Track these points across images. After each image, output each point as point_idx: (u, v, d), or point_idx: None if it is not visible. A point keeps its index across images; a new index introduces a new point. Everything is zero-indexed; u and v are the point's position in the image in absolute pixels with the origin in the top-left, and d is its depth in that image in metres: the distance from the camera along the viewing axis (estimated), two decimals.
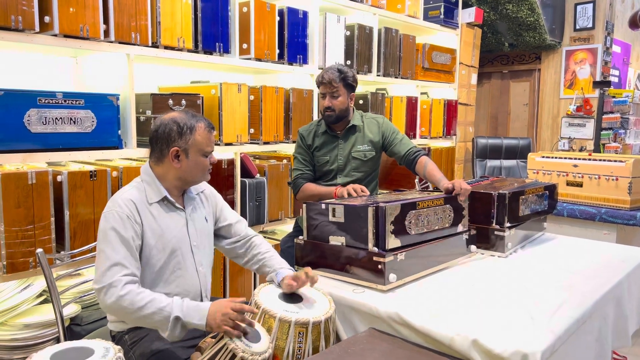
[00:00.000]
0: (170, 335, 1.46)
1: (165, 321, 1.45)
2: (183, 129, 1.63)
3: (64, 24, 2.22)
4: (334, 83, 2.41)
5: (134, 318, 1.49)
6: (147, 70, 3.02)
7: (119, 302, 1.46)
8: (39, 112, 2.18)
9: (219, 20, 2.81)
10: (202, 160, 1.68)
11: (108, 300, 1.47)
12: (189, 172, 1.67)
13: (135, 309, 1.45)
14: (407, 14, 4.19)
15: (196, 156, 1.66)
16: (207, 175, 1.75)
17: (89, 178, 2.29)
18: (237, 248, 1.88)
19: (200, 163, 1.68)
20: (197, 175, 1.70)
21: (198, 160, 1.67)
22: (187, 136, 1.64)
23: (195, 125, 1.65)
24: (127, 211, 1.57)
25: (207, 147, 1.68)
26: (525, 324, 1.48)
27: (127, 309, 1.46)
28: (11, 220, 2.08)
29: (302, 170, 2.54)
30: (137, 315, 1.46)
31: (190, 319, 1.46)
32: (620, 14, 5.97)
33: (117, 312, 1.51)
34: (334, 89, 2.42)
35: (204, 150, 1.67)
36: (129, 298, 1.46)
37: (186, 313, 1.47)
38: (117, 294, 1.46)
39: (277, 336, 1.53)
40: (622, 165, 2.93)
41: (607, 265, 2.09)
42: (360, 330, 1.66)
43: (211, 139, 1.70)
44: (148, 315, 1.45)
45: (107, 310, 1.53)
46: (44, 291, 2.37)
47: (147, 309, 1.45)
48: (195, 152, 1.65)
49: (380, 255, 1.71)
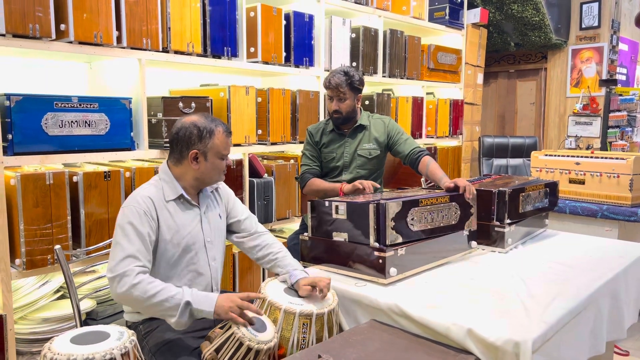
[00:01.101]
0: (177, 322, 1.52)
1: (176, 307, 1.52)
2: (203, 132, 1.72)
3: (79, 31, 2.32)
4: (341, 88, 2.49)
5: (145, 306, 1.55)
6: (158, 74, 3.12)
7: (131, 290, 1.53)
8: (55, 116, 2.28)
9: (227, 24, 2.90)
10: (219, 163, 1.77)
11: (120, 289, 1.54)
12: (207, 173, 1.77)
13: (146, 297, 1.52)
14: (412, 16, 4.25)
15: (214, 159, 1.76)
16: (223, 176, 1.84)
17: (103, 178, 2.39)
18: (246, 242, 1.95)
19: (218, 165, 1.77)
20: (214, 176, 1.80)
21: (215, 163, 1.76)
22: (207, 140, 1.73)
23: (214, 130, 1.74)
24: (144, 207, 1.66)
25: (224, 150, 1.77)
26: (519, 314, 1.54)
27: (139, 297, 1.53)
28: (30, 219, 2.18)
29: (309, 166, 2.63)
30: (148, 303, 1.53)
31: (199, 305, 1.53)
32: (628, 12, 5.97)
33: (129, 300, 1.57)
34: (341, 93, 2.50)
35: (221, 154, 1.77)
36: (141, 287, 1.53)
37: (196, 300, 1.54)
38: (129, 282, 1.53)
39: (283, 327, 1.61)
40: (623, 163, 2.97)
41: (605, 259, 2.13)
42: (362, 321, 1.73)
43: (228, 143, 1.79)
44: (159, 302, 1.52)
45: (119, 299, 1.59)
46: (61, 287, 2.48)
47: (159, 297, 1.53)
48: (214, 155, 1.75)
49: (381, 250, 1.79)
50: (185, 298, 1.54)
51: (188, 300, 1.54)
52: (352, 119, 2.59)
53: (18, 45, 2.18)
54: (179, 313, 1.52)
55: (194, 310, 1.54)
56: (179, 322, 1.53)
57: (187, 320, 1.55)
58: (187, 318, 1.54)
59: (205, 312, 1.54)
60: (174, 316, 1.53)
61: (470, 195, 2.12)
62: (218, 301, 1.54)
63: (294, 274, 1.79)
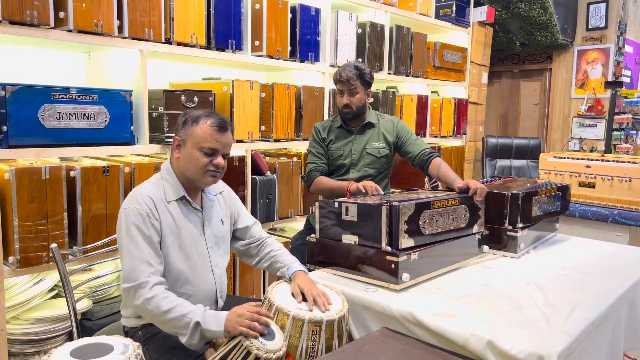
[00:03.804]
0: (188, 341, 1.47)
1: (186, 326, 1.46)
2: (188, 119, 1.63)
3: (79, 19, 2.22)
4: (352, 81, 2.41)
5: (158, 321, 1.51)
6: (159, 67, 3.02)
7: (145, 305, 1.48)
8: (52, 108, 2.18)
9: (232, 16, 2.81)
10: (196, 155, 1.61)
11: (136, 301, 1.50)
12: (184, 165, 1.64)
13: (160, 312, 1.47)
14: (418, 12, 4.16)
15: (192, 149, 1.61)
16: (207, 177, 1.64)
17: (102, 174, 2.30)
18: (251, 249, 1.90)
19: (195, 158, 1.61)
20: (191, 170, 1.63)
21: (193, 155, 1.61)
22: (188, 127, 1.62)
23: (200, 119, 1.62)
24: (146, 208, 1.57)
25: (204, 142, 1.60)
26: (540, 325, 1.47)
27: (153, 312, 1.48)
28: (25, 214, 2.09)
29: (316, 163, 2.55)
30: (161, 319, 1.49)
31: (209, 326, 1.46)
32: (632, 14, 5.91)
33: (144, 313, 1.54)
34: (352, 87, 2.43)
35: (200, 145, 1.60)
36: (155, 302, 1.48)
37: (205, 320, 1.47)
38: (144, 296, 1.48)
39: (291, 334, 1.53)
40: (635, 167, 2.91)
41: (621, 267, 2.07)
42: (372, 329, 1.66)
43: (214, 137, 1.61)
44: (171, 319, 1.47)
45: (135, 309, 1.57)
46: (55, 285, 2.38)
47: (171, 314, 1.47)
48: (192, 144, 1.61)
49: (394, 254, 1.71)
50: (196, 318, 1.46)
51: (198, 321, 1.46)
52: (361, 115, 2.51)
53: (15, 33, 2.08)
54: (188, 333, 1.46)
55: (203, 331, 1.47)
56: (190, 343, 1.47)
57: (197, 342, 1.48)
58: (198, 340, 1.47)
59: (214, 332, 1.46)
60: (184, 335, 1.47)
61: (479, 198, 2.05)
62: (227, 319, 1.46)
63: (291, 267, 1.76)
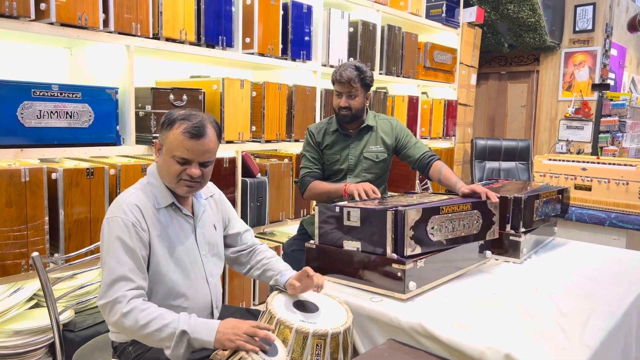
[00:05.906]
0: (173, 354, 1.34)
1: (170, 337, 1.34)
2: (165, 122, 1.49)
3: (61, 11, 2.09)
4: (353, 83, 2.28)
5: (138, 336, 1.38)
6: (144, 64, 2.89)
7: (122, 320, 1.35)
8: (32, 105, 2.05)
9: (223, 12, 2.69)
10: (170, 162, 1.48)
11: (112, 317, 1.37)
12: (161, 171, 1.53)
13: (138, 327, 1.34)
14: (409, 12, 4.10)
15: (166, 156, 1.49)
16: (182, 187, 1.50)
17: (86, 176, 2.17)
18: (242, 257, 1.79)
19: (167, 165, 1.49)
20: (166, 178, 1.51)
21: (166, 161, 1.49)
22: (165, 131, 1.49)
23: (175, 123, 1.47)
24: (132, 218, 1.45)
25: (176, 150, 1.46)
26: (557, 336, 1.41)
27: (132, 327, 1.35)
28: (2, 220, 1.95)
29: (310, 169, 2.43)
30: (141, 334, 1.36)
31: (198, 334, 1.34)
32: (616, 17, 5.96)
33: (123, 330, 1.40)
34: (352, 89, 2.30)
35: (172, 152, 1.47)
36: (133, 315, 1.35)
37: (194, 329, 1.35)
38: (120, 310, 1.35)
39: (294, 348, 1.43)
40: (632, 170, 2.88)
41: (626, 272, 2.03)
42: (378, 341, 1.57)
43: (185, 145, 1.45)
44: (152, 333, 1.34)
45: (113, 327, 1.43)
46: (34, 295, 2.24)
47: (151, 326, 1.34)
48: (166, 150, 1.49)
49: (400, 262, 1.62)
50: (181, 327, 1.34)
51: (184, 330, 1.34)
52: (359, 118, 2.40)
53: None
54: (173, 344, 1.33)
55: (191, 340, 1.34)
56: (175, 355, 1.34)
57: (184, 353, 1.35)
58: (185, 350, 1.35)
59: (204, 342, 1.35)
60: (169, 347, 1.34)
61: (495, 200, 1.97)
62: (219, 328, 1.35)
63: (285, 274, 1.66)
